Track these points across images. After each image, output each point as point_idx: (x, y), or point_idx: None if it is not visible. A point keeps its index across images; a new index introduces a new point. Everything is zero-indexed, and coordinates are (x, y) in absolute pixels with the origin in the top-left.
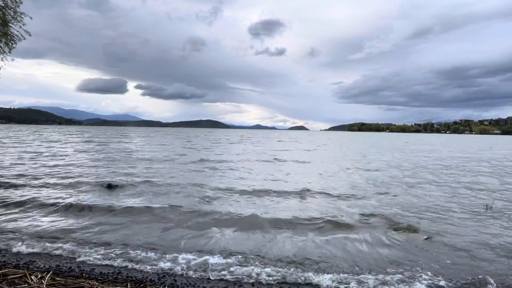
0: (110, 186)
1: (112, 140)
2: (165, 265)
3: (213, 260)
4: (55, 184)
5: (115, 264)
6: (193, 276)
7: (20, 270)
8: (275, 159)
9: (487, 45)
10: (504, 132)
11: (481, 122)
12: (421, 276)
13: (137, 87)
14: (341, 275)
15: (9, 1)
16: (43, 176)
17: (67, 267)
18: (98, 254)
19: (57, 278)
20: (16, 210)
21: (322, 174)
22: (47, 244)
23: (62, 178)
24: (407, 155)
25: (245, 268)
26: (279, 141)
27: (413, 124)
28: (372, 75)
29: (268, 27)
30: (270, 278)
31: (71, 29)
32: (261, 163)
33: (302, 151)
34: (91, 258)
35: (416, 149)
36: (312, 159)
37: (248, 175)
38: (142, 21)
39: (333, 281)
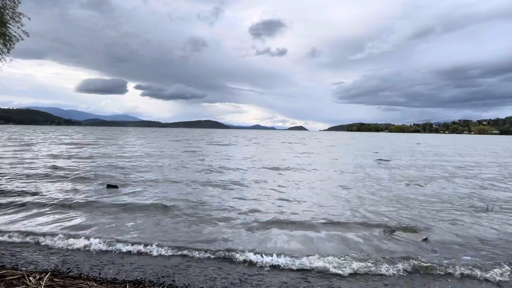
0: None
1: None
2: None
3: None
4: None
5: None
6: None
7: (18, 271)
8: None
9: (487, 46)
10: (502, 132)
11: (480, 122)
12: None
13: (137, 87)
14: None
15: (7, 1)
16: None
17: (65, 267)
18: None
19: (55, 279)
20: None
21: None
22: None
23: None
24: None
25: None
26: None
27: (411, 124)
28: (372, 75)
29: (269, 27)
30: None
31: (72, 29)
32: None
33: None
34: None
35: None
36: None
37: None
38: (143, 21)
39: None
